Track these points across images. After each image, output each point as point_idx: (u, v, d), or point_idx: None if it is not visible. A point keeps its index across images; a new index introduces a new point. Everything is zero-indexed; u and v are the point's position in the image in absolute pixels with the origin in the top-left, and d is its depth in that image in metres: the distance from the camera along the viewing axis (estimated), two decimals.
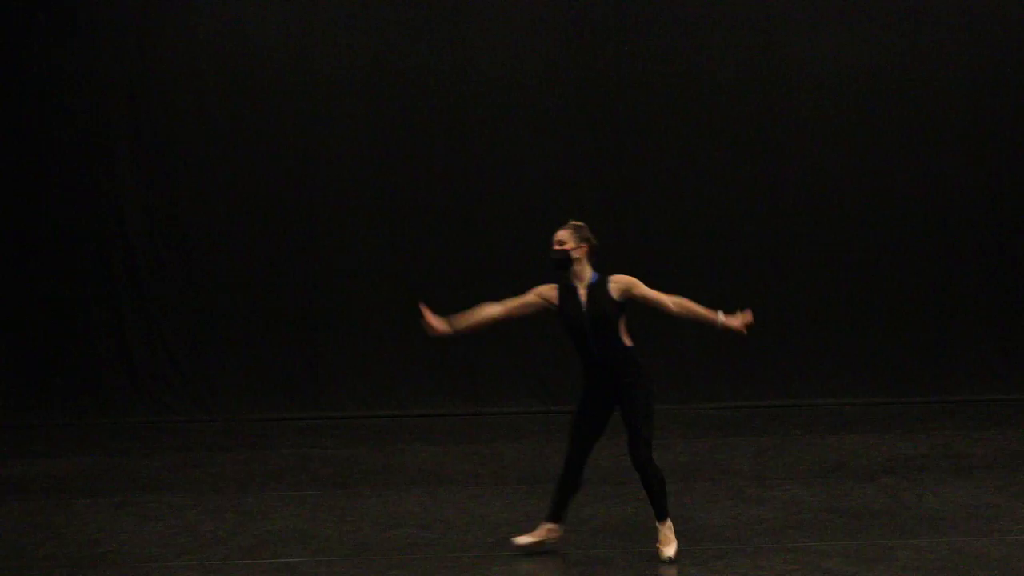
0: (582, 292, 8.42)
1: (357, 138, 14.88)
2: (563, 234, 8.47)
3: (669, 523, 8.46)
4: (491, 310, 8.58)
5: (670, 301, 8.40)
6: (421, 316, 8.52)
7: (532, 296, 8.57)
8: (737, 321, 8.39)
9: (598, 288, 8.39)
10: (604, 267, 8.64)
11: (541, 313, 8.61)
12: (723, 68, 15.01)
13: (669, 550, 8.37)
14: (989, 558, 8.24)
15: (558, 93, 14.98)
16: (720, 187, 15.01)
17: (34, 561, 8.64)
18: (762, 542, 8.72)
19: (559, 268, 8.49)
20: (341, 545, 8.87)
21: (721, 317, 8.38)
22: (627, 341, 8.40)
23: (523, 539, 8.58)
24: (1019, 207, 15.13)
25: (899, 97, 15.04)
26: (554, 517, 8.61)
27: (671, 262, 14.73)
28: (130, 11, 14.80)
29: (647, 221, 14.99)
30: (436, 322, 8.52)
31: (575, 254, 8.43)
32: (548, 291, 8.54)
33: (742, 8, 15.00)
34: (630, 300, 8.39)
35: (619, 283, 8.38)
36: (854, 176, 15.07)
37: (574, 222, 8.57)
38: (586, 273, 8.46)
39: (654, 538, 8.64)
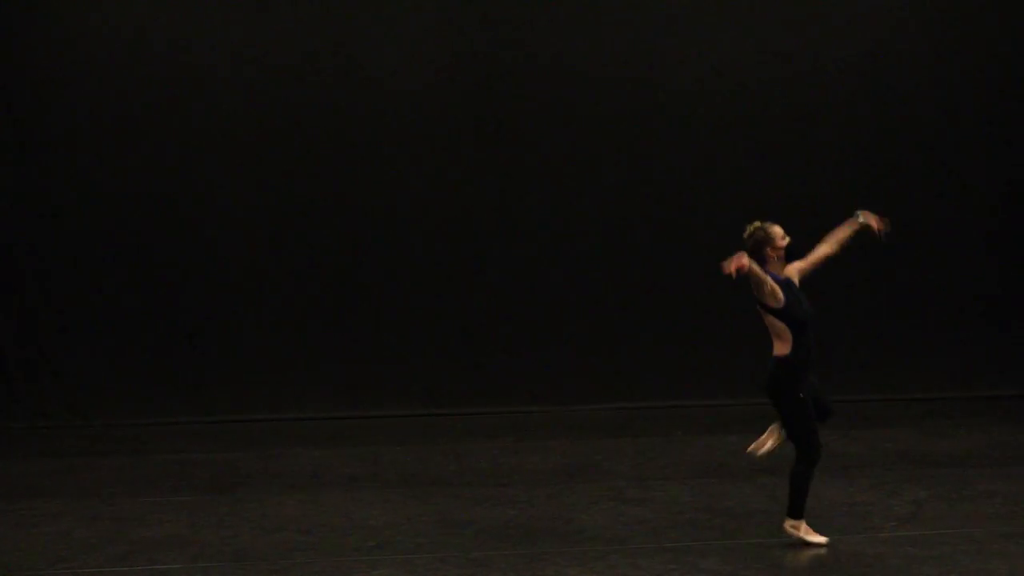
0: (796, 285, 8.61)
1: (236, 136, 14.69)
2: (782, 230, 8.57)
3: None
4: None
5: (822, 250, 8.80)
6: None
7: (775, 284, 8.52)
8: (873, 217, 8.75)
9: (793, 281, 8.62)
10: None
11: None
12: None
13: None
14: (864, 555, 8.38)
15: (438, 92, 14.93)
16: (597, 185, 15.09)
17: None
18: (642, 542, 8.78)
19: (791, 260, 8.63)
20: (219, 551, 8.77)
21: (859, 219, 8.78)
22: None
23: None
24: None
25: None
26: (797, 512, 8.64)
27: (553, 258, 14.82)
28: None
29: (535, 221, 15.02)
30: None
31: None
32: (776, 286, 8.53)
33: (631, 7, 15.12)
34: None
35: (794, 270, 8.69)
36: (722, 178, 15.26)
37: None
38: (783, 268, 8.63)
39: (537, 540, 8.67)
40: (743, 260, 8.13)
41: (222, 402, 14.49)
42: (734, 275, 8.18)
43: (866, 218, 8.76)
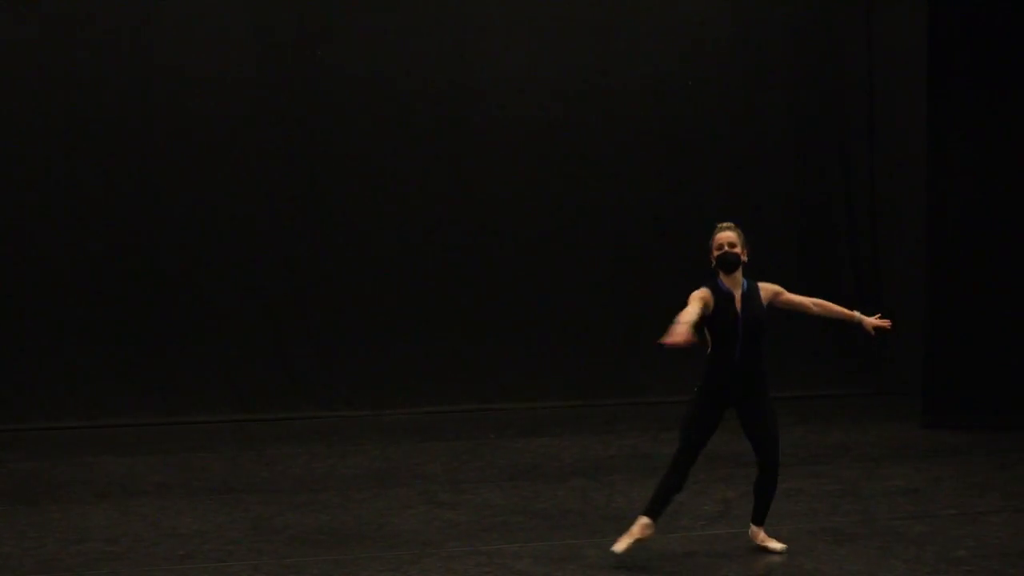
0: (738, 298, 8.32)
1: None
2: (732, 236, 8.35)
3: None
4: (694, 311, 8.16)
5: (810, 302, 8.68)
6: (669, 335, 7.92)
7: (703, 295, 8.26)
8: (874, 321, 8.67)
9: (752, 294, 8.39)
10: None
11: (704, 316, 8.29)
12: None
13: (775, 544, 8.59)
14: (673, 554, 8.52)
15: (257, 97, 14.81)
16: (403, 189, 15.13)
17: None
18: (455, 546, 8.79)
19: (729, 271, 8.34)
20: (23, 563, 8.52)
21: (858, 315, 8.68)
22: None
23: (620, 544, 8.33)
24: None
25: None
26: (653, 514, 8.41)
27: (363, 261, 14.83)
28: None
29: (344, 226, 14.97)
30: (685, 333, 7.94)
31: (743, 258, 8.37)
32: (707, 294, 8.29)
33: (435, 19, 15.16)
34: (771, 307, 8.48)
35: (767, 290, 8.47)
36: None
37: (731, 225, 8.44)
38: (739, 278, 8.39)
39: (351, 545, 8.63)
40: (678, 337, 7.91)
41: (26, 409, 14.12)
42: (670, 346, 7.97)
43: (866, 322, 8.72)
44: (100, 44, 14.37)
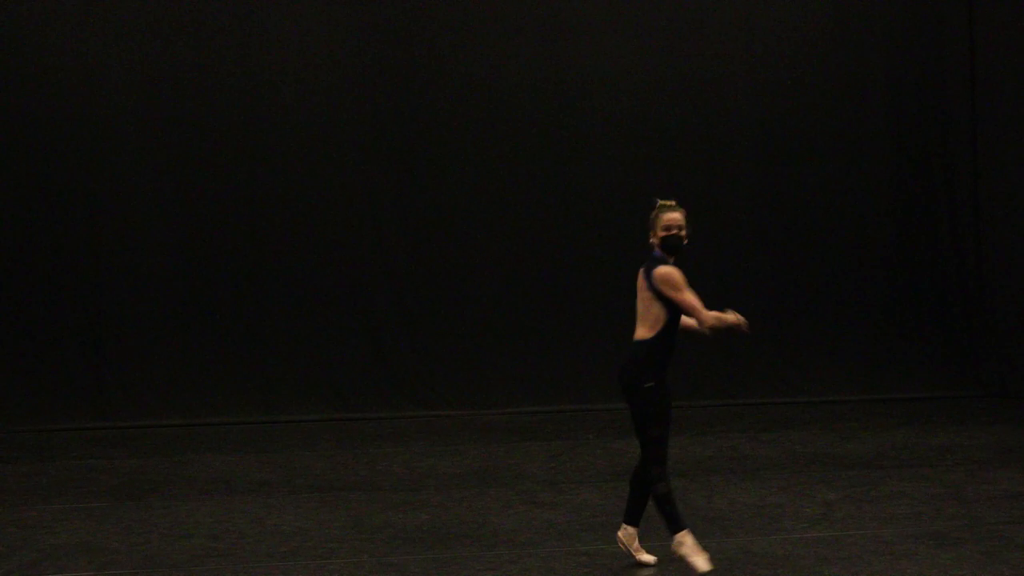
0: None
1: (138, 138, 14.56)
2: (682, 218, 8.01)
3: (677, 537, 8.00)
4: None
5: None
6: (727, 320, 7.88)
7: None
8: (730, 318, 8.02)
9: None
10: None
11: None
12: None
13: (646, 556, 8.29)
14: (774, 556, 8.44)
15: (350, 99, 14.91)
16: (511, 192, 15.14)
17: None
18: (555, 546, 8.79)
19: (674, 253, 7.99)
20: (129, 558, 8.66)
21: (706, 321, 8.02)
22: (639, 333, 8.09)
23: (699, 561, 7.92)
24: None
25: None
26: (683, 524, 8.05)
27: (464, 264, 14.87)
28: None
29: (443, 225, 15.03)
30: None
31: (685, 241, 8.04)
32: None
33: (536, 16, 15.18)
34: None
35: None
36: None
37: (677, 204, 8.07)
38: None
39: (451, 544, 8.67)
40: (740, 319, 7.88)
41: (130, 408, 14.34)
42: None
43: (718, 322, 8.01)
44: (208, 41, 14.57)
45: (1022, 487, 10.58)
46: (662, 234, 7.99)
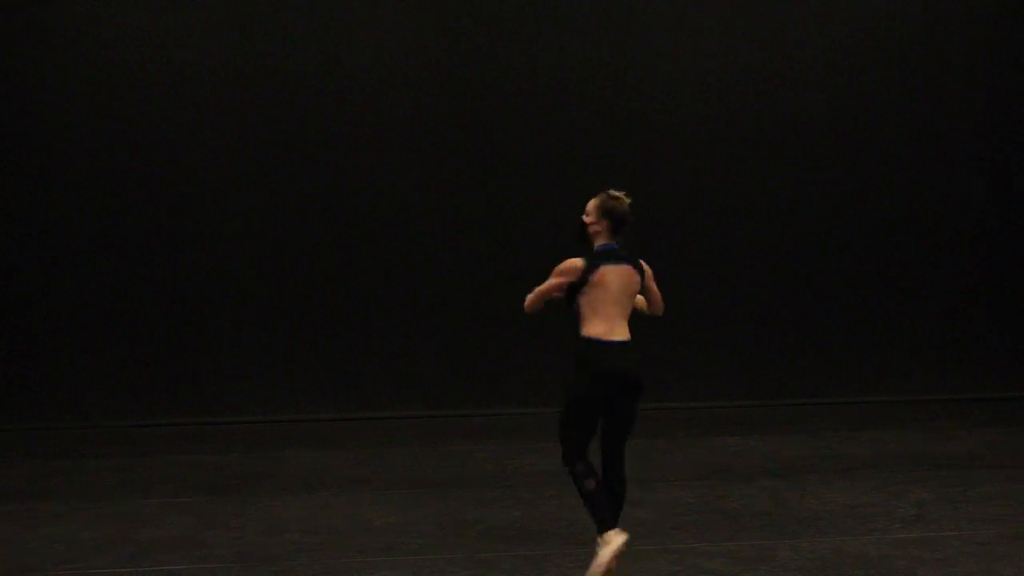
0: None
1: (225, 135, 14.70)
2: (590, 205, 7.81)
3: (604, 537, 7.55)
4: None
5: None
6: None
7: None
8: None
9: None
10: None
11: None
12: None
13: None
14: (868, 557, 8.38)
15: (429, 92, 14.94)
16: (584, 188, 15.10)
17: None
18: (645, 544, 8.77)
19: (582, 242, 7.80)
20: (225, 552, 8.77)
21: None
22: (582, 330, 7.77)
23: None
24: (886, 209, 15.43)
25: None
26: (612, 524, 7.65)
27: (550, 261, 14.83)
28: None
29: (528, 224, 15.04)
30: None
31: (593, 228, 7.76)
32: None
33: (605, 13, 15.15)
34: None
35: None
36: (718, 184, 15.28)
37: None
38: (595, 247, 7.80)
39: (542, 541, 8.67)
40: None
41: (223, 404, 14.51)
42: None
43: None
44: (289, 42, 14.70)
45: None
46: (584, 219, 7.80)
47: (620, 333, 7.75)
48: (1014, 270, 15.55)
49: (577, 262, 7.72)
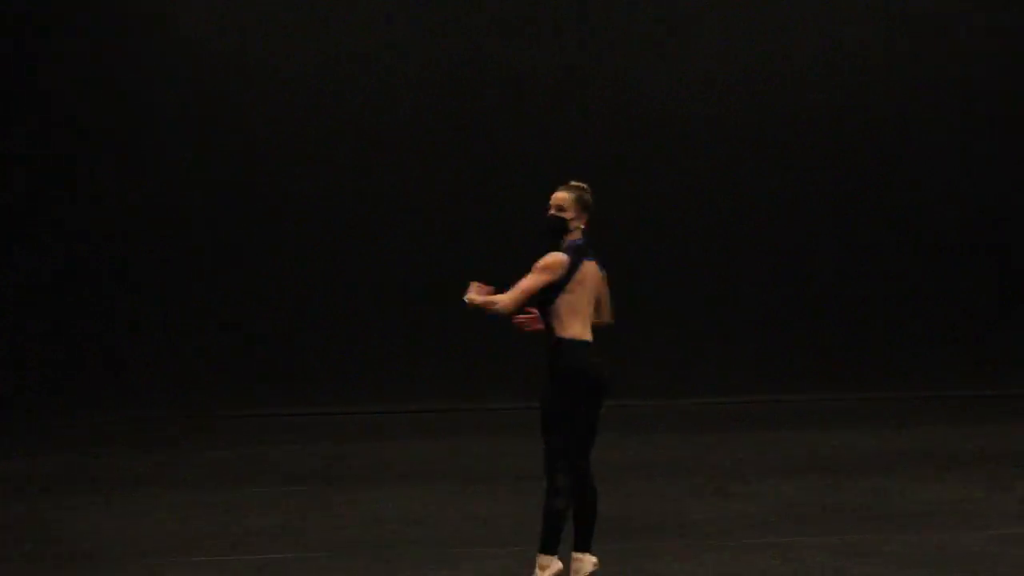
0: None
1: (321, 134, 14.84)
2: (558, 196, 7.33)
3: (543, 560, 7.27)
4: None
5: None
6: None
7: None
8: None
9: None
10: None
11: None
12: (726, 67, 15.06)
13: None
14: (972, 553, 8.25)
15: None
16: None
17: (18, 558, 8.60)
18: (749, 537, 8.72)
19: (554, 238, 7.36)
20: (328, 541, 8.85)
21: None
22: (559, 331, 7.27)
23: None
24: (1002, 206, 15.20)
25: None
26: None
27: (640, 257, 14.86)
28: (107, 9, 14.76)
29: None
30: None
31: (573, 224, 7.33)
32: None
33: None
34: None
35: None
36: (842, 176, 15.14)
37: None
38: (566, 243, 7.34)
39: (644, 533, 8.66)
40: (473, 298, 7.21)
41: (329, 395, 14.64)
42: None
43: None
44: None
45: None
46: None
47: (590, 333, 7.31)
48: None
49: (562, 258, 7.19)
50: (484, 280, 7.05)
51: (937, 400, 14.57)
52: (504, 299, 7.24)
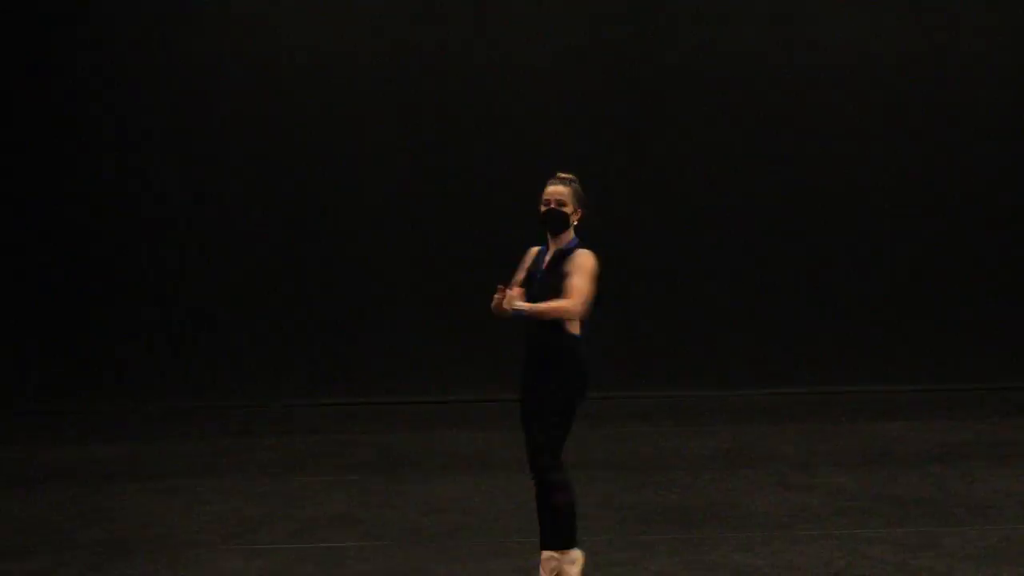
0: (548, 258, 7.35)
1: (373, 132, 14.86)
2: (555, 191, 7.22)
3: (572, 554, 7.37)
4: None
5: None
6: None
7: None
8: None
9: (562, 257, 7.24)
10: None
11: None
12: (742, 57, 14.97)
13: None
14: None
15: (581, 81, 14.93)
16: (739, 175, 14.98)
17: (82, 545, 8.69)
18: (807, 529, 8.70)
19: (554, 233, 7.31)
20: (387, 529, 8.90)
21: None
22: (568, 326, 7.25)
23: None
24: None
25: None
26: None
27: (716, 248, 14.76)
28: (151, 7, 14.84)
29: (667, 212, 14.95)
30: None
31: (573, 219, 7.26)
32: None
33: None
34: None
35: (574, 259, 7.15)
36: (885, 167, 15.03)
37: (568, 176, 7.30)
38: (566, 239, 7.31)
39: (701, 524, 8.64)
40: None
41: (385, 384, 14.68)
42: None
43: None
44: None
45: None
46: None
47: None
48: None
49: (596, 258, 7.20)
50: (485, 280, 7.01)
51: (997, 391, 14.45)
52: (574, 308, 7.12)
